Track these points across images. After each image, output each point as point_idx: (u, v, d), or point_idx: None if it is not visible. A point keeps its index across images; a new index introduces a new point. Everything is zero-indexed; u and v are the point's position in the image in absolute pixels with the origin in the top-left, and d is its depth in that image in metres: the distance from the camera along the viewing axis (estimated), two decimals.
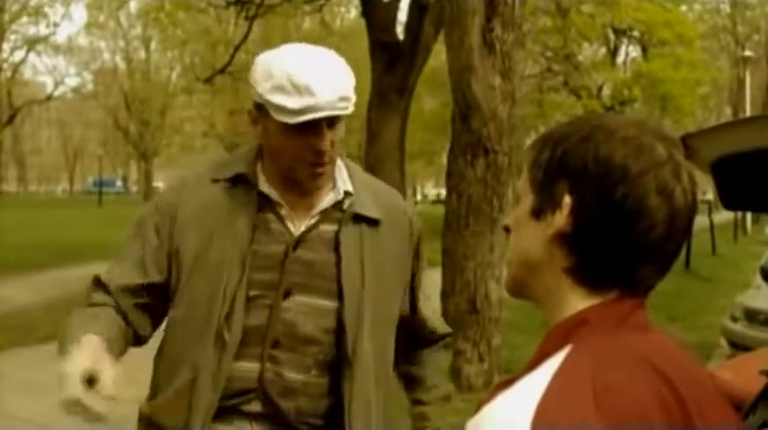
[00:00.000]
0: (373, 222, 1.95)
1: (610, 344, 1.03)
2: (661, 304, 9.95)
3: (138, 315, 1.93)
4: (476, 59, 6.45)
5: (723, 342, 8.17)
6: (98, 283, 1.92)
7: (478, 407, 1.03)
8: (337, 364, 1.90)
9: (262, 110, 1.84)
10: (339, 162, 1.98)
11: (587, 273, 1.07)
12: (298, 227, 1.91)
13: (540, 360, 1.03)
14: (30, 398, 6.14)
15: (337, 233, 1.91)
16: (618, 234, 1.04)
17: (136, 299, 1.91)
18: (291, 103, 1.75)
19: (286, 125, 1.79)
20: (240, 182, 1.92)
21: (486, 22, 6.48)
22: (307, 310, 1.88)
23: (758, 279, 12.82)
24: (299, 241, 1.90)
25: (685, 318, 10.15)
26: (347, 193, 1.94)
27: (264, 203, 1.91)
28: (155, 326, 1.98)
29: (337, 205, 1.94)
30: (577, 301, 1.07)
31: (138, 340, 1.96)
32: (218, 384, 1.84)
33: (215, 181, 1.93)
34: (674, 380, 1.02)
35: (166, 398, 1.89)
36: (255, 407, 1.88)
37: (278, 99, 1.77)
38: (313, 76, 1.76)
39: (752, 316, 7.88)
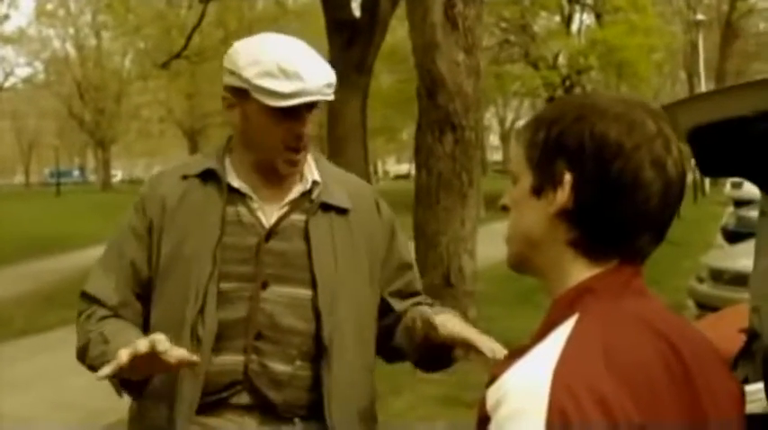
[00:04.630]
0: (342, 211, 1.98)
1: (614, 310, 1.10)
2: None
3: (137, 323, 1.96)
4: (439, 36, 6.49)
5: (690, 303, 8.31)
6: (91, 299, 1.95)
7: (492, 377, 1.08)
8: (319, 354, 1.91)
9: (241, 94, 1.87)
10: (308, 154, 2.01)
11: (589, 245, 1.13)
12: (269, 218, 1.93)
13: (549, 329, 1.10)
14: (9, 393, 6.15)
15: (306, 222, 1.94)
16: (617, 206, 1.11)
17: (130, 311, 1.95)
18: (282, 87, 1.81)
19: (271, 109, 1.83)
20: (210, 177, 1.94)
21: None
22: (285, 301, 1.89)
23: (720, 239, 13.11)
24: (271, 232, 1.91)
25: (657, 282, 10.31)
26: (315, 183, 1.97)
27: (235, 197, 1.93)
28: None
29: (306, 195, 1.96)
30: (580, 272, 1.14)
31: None
32: (198, 379, 1.85)
33: (184, 177, 1.96)
34: (674, 341, 1.10)
35: (151, 396, 1.90)
36: (244, 399, 1.89)
37: (268, 83, 1.82)
38: (301, 62, 1.83)
39: (717, 276, 8.01)
